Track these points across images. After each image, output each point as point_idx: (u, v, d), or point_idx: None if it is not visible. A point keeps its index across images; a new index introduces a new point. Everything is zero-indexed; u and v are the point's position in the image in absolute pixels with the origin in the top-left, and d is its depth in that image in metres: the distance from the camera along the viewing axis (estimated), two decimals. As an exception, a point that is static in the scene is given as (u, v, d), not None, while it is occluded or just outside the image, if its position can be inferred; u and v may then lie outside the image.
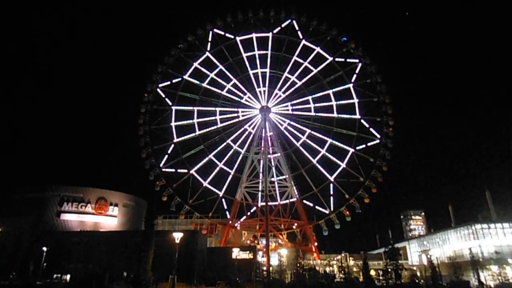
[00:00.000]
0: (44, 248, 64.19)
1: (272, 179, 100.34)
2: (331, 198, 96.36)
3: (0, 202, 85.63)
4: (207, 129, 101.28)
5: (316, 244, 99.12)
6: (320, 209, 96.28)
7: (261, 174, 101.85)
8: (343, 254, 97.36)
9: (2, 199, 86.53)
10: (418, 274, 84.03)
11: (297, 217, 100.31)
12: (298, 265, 71.75)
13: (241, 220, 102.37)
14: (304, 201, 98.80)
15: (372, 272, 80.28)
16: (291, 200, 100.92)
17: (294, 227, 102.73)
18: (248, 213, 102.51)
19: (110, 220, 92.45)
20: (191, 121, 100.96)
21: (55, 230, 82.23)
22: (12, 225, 75.38)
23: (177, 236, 40.47)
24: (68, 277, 65.97)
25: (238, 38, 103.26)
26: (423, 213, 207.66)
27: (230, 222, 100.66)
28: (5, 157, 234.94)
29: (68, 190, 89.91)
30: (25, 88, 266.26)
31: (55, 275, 67.50)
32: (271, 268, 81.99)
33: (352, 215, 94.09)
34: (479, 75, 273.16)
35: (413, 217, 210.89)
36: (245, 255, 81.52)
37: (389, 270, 65.55)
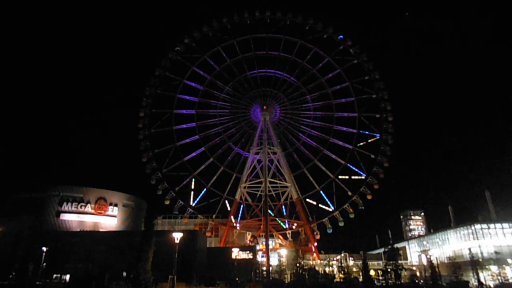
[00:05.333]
0: (44, 248, 64.08)
1: (272, 179, 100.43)
2: (334, 196, 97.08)
3: (0, 202, 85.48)
4: (208, 131, 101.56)
5: (316, 244, 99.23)
6: (324, 207, 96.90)
7: (261, 174, 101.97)
8: (342, 254, 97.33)
9: (1, 199, 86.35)
10: (418, 274, 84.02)
11: (299, 217, 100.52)
12: (297, 265, 71.74)
13: (244, 220, 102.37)
14: (307, 200, 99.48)
15: (372, 272, 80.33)
16: (291, 200, 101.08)
17: (294, 227, 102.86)
18: (249, 214, 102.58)
19: (109, 220, 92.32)
20: (191, 124, 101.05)
21: (55, 230, 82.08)
22: (11, 225, 75.20)
23: (177, 236, 40.38)
24: (67, 277, 65.73)
25: (235, 40, 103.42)
26: (422, 213, 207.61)
27: (230, 222, 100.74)
28: (5, 156, 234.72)
29: (67, 190, 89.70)
30: (24, 88, 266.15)
31: (54, 275, 67.24)
32: (271, 268, 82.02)
33: (356, 212, 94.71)
34: (479, 73, 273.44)
35: (412, 217, 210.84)
36: (245, 255, 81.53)
37: (389, 270, 65.54)
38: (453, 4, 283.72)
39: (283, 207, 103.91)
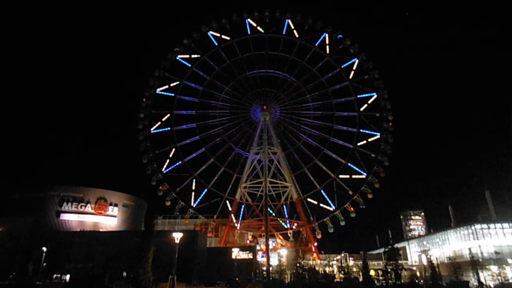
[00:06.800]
0: (44, 248, 64.11)
1: (272, 179, 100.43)
2: (335, 195, 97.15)
3: (0, 202, 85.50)
4: (208, 132, 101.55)
5: (316, 244, 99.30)
6: (325, 206, 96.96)
7: (261, 174, 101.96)
8: (342, 254, 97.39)
9: (1, 199, 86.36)
10: (418, 274, 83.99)
11: (299, 217, 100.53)
12: (297, 265, 71.72)
13: (245, 220, 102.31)
14: (308, 199, 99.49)
15: (372, 272, 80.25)
16: (291, 200, 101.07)
17: (294, 227, 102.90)
18: (249, 214, 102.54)
19: (110, 220, 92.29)
20: (191, 124, 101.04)
21: (55, 230, 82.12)
22: (11, 225, 75.09)
23: (177, 236, 40.38)
24: (68, 277, 65.84)
25: (234, 40, 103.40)
26: (423, 213, 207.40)
27: (231, 222, 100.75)
28: (5, 157, 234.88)
29: (68, 190, 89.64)
30: (25, 88, 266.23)
31: (54, 275, 67.28)
32: (271, 268, 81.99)
33: (356, 212, 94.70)
34: (480, 72, 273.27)
35: (413, 217, 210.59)
36: (245, 255, 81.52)
37: (389, 270, 65.48)
38: (453, 3, 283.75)
39: (284, 207, 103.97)
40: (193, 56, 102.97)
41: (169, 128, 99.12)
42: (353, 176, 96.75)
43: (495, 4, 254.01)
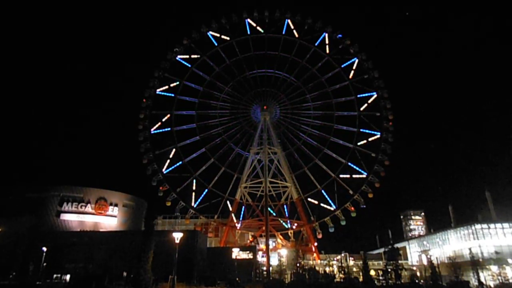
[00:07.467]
0: (44, 248, 64.19)
1: (273, 179, 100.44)
2: (335, 194, 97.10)
3: (0, 202, 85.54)
4: (208, 132, 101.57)
5: (316, 244, 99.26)
6: (325, 206, 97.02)
7: (261, 174, 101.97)
8: (343, 254, 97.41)
9: (1, 199, 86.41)
10: (418, 274, 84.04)
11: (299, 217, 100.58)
12: (298, 265, 71.74)
13: (245, 220, 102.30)
14: (309, 199, 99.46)
15: (372, 272, 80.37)
16: (291, 200, 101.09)
17: (294, 226, 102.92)
18: (249, 214, 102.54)
19: (110, 220, 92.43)
20: (191, 124, 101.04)
21: (55, 230, 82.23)
22: (12, 225, 75.18)
23: (177, 236, 40.49)
24: (68, 277, 65.91)
25: (234, 40, 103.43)
26: (423, 213, 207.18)
27: (231, 222, 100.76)
28: (5, 157, 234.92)
29: (68, 190, 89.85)
30: (25, 88, 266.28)
31: (55, 275, 67.46)
32: (271, 268, 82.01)
33: (356, 211, 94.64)
34: (480, 72, 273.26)
35: (413, 217, 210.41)
36: (245, 255, 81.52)
37: (389, 270, 65.52)
38: (453, 2, 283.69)
39: (284, 207, 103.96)
40: (193, 56, 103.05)
41: (169, 129, 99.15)
42: (354, 176, 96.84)
43: (495, 3, 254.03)
